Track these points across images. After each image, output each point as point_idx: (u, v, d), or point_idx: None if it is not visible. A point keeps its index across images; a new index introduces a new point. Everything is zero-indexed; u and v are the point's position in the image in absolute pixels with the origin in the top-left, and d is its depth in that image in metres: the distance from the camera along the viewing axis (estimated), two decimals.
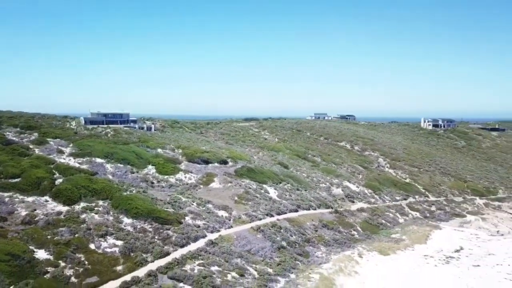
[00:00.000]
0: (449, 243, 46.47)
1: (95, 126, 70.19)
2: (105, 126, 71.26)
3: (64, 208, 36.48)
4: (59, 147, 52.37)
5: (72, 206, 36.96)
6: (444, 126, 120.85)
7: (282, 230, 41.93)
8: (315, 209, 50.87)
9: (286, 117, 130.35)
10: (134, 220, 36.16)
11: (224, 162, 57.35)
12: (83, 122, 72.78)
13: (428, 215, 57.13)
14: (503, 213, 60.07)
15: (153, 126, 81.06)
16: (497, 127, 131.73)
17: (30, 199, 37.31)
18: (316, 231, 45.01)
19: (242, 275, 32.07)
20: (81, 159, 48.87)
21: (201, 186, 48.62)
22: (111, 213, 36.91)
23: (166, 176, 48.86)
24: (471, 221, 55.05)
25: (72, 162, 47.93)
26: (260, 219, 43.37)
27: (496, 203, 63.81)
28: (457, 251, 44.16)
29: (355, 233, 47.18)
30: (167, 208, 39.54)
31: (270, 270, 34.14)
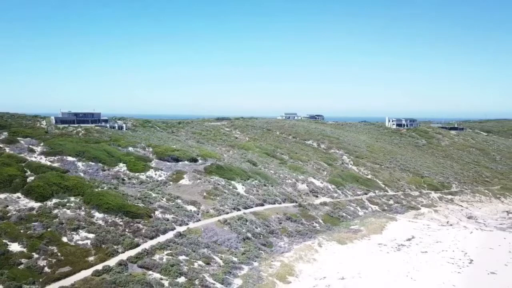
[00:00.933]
0: (402, 233, 50.38)
1: (66, 125, 70.78)
2: (76, 125, 71.93)
3: (36, 204, 37.90)
4: (30, 146, 53.18)
5: (44, 202, 38.42)
6: (407, 126, 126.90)
7: (247, 223, 44.60)
8: (280, 203, 53.81)
9: (258, 116, 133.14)
10: (106, 215, 37.96)
11: (194, 160, 59.50)
12: (53, 121, 73.12)
13: (386, 208, 61.15)
14: (454, 206, 64.89)
15: (124, 125, 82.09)
16: (456, 126, 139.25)
17: (2, 196, 38.49)
18: (280, 223, 47.90)
19: (208, 263, 34.51)
20: (53, 157, 49.98)
21: (171, 182, 50.66)
22: (83, 208, 38.57)
23: (137, 174, 50.64)
24: (425, 213, 59.41)
25: (44, 160, 49.03)
26: (227, 213, 45.90)
27: (449, 197, 68.69)
28: (408, 239, 48.06)
29: (317, 225, 50.38)
30: (137, 203, 41.49)
31: (235, 259, 36.72)
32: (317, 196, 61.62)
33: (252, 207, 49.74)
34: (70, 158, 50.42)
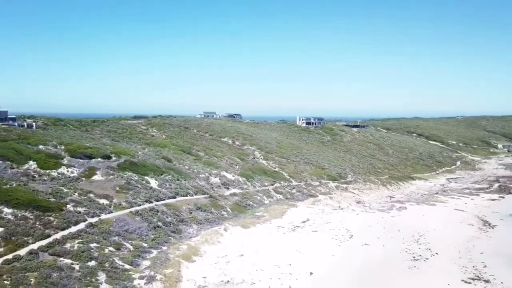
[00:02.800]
0: (299, 217, 57.47)
1: None
2: None
3: None
4: None
5: None
6: (315, 124, 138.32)
7: (159, 213, 48.18)
8: (192, 196, 57.96)
9: (176, 115, 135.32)
10: (15, 210, 39.06)
11: (108, 157, 61.19)
12: None
13: (289, 196, 68.31)
14: (347, 193, 74.34)
15: (34, 124, 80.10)
16: (358, 124, 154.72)
17: None
18: (191, 213, 52.12)
19: (118, 249, 37.67)
20: None
21: (84, 179, 52.23)
22: None
23: (48, 171, 51.35)
24: (321, 200, 67.63)
25: None
26: (140, 205, 49.00)
27: (344, 185, 78.24)
28: (303, 222, 55.19)
29: (225, 213, 55.44)
30: (48, 198, 42.96)
31: (145, 244, 40.26)
32: (228, 188, 66.74)
33: (164, 200, 53.26)
34: None
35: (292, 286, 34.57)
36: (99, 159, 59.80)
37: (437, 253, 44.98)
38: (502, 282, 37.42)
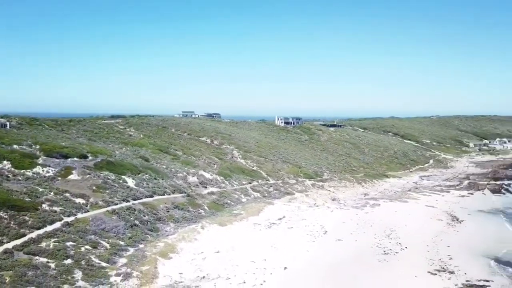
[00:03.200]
0: (276, 214, 58.64)
1: None
2: None
3: None
4: None
5: None
6: (293, 123, 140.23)
7: (136, 212, 48.52)
8: (169, 194, 58.37)
9: (155, 114, 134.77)
10: None
11: (84, 157, 60.94)
12: None
13: (266, 194, 69.48)
14: (323, 190, 76.06)
15: (8, 123, 78.75)
16: (335, 124, 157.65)
17: None
18: (168, 211, 52.60)
19: (95, 247, 37.95)
20: None
21: (59, 178, 51.99)
22: None
23: (22, 170, 50.91)
24: (298, 197, 69.08)
25: None
26: (117, 204, 49.17)
27: (320, 183, 79.98)
28: (279, 219, 56.38)
29: (202, 211, 56.13)
30: (23, 198, 42.76)
31: (122, 243, 40.63)
32: (206, 187, 67.38)
33: (141, 199, 53.55)
34: None
35: (267, 280, 35.63)
36: (75, 158, 59.51)
37: (406, 247, 46.88)
38: (465, 273, 39.49)
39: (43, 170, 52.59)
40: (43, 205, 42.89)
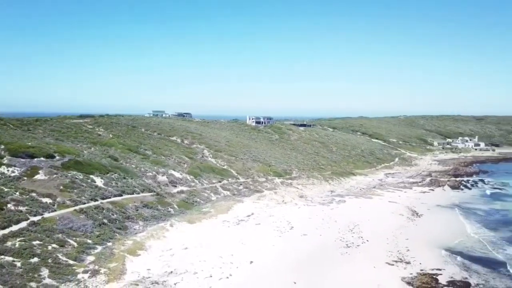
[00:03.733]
0: (244, 211, 59.97)
1: None
2: None
3: None
4: None
5: None
6: (264, 123, 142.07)
7: (104, 211, 48.71)
8: (138, 193, 58.67)
9: (124, 114, 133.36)
10: None
11: (51, 156, 60.31)
12: None
13: (236, 193, 70.70)
14: (292, 188, 78.03)
15: None
16: (305, 123, 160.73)
17: None
18: (137, 210, 52.98)
19: (62, 246, 38.10)
20: None
21: (25, 178, 51.44)
22: None
23: None
24: (266, 195, 70.66)
25: None
26: (85, 203, 49.19)
27: (289, 181, 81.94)
28: (248, 216, 57.78)
29: (172, 210, 56.77)
30: None
31: (90, 241, 40.89)
32: (175, 186, 67.94)
33: (110, 198, 53.69)
34: None
35: (233, 274, 36.92)
36: (42, 158, 58.85)
37: (367, 240, 49.28)
38: (420, 263, 42.16)
39: (8, 170, 51.89)
40: (8, 205, 42.54)
